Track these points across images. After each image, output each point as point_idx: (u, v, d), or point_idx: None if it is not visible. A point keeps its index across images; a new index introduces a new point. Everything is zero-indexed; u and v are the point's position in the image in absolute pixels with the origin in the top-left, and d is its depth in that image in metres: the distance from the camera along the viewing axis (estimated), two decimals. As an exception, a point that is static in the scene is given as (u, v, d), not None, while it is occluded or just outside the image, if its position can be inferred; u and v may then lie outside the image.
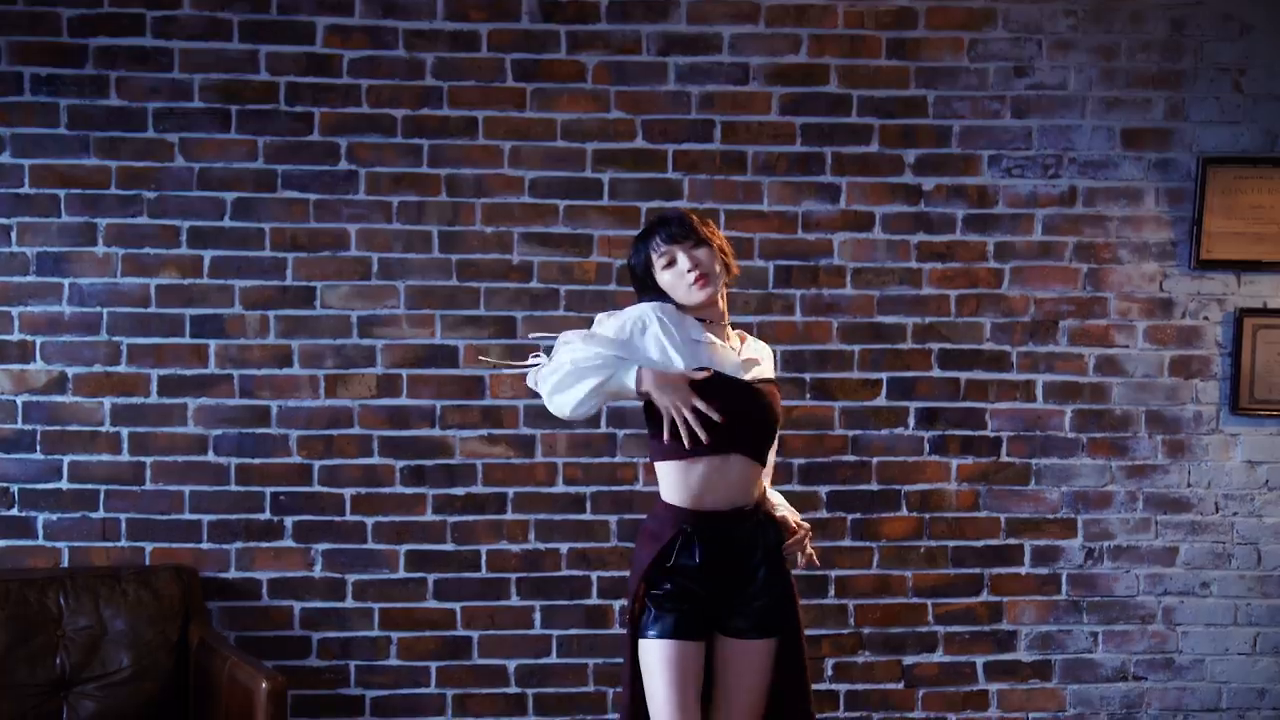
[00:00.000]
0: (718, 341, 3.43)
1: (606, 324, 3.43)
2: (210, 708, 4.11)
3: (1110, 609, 4.80)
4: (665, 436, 3.29)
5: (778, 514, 3.53)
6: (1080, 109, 4.76)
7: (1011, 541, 4.78)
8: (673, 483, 3.38)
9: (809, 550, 3.59)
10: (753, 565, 3.42)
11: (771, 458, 3.61)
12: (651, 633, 3.33)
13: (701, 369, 3.32)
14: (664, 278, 3.43)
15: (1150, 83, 4.76)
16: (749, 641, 3.43)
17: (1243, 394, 4.76)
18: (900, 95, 4.72)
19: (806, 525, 3.58)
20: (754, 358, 3.50)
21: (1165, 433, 4.80)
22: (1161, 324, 4.80)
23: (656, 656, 3.30)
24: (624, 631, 3.45)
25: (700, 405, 3.25)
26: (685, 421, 3.25)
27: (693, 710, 3.30)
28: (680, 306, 3.43)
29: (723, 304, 3.52)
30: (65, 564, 4.45)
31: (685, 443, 3.27)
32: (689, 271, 3.38)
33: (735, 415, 3.32)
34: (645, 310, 3.40)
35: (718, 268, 3.44)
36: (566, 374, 3.30)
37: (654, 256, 3.42)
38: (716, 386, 3.32)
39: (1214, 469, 4.80)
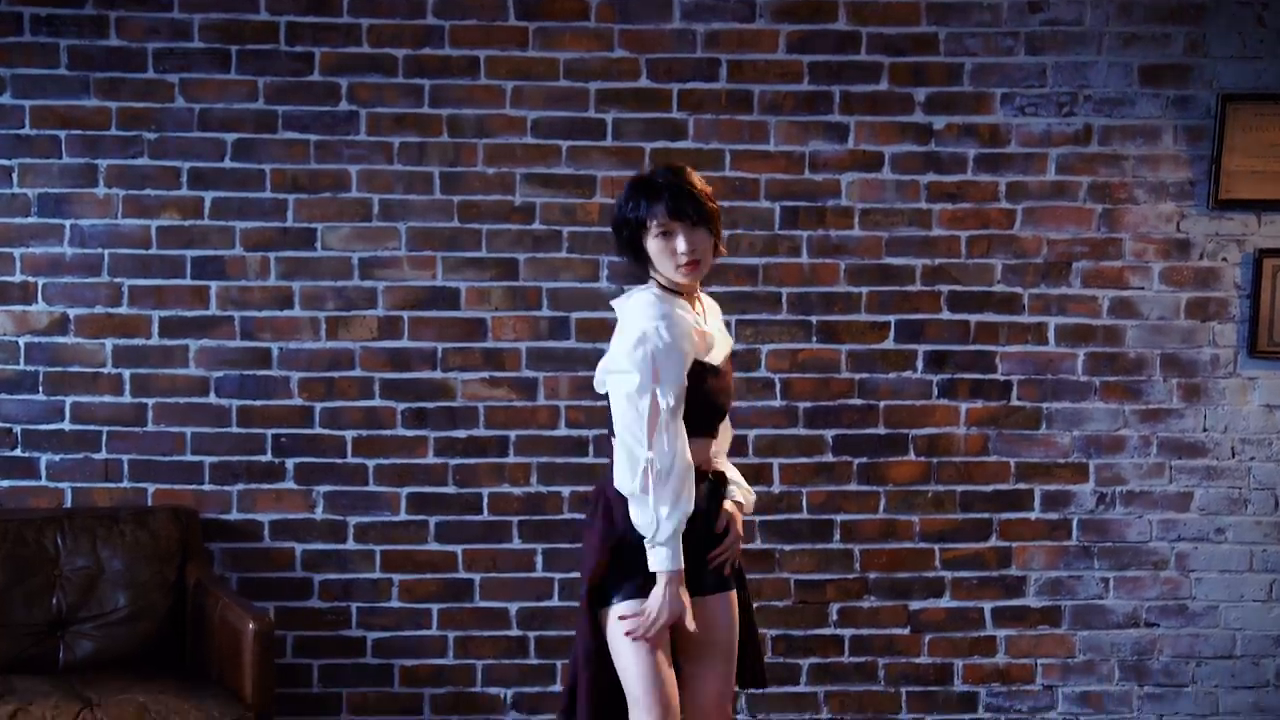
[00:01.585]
0: (703, 328, 3.26)
1: (664, 359, 3.09)
2: (205, 647, 4.00)
3: (1122, 555, 4.60)
4: (625, 630, 3.12)
5: (727, 504, 3.35)
6: (1096, 45, 4.51)
7: (1021, 486, 4.58)
8: None
9: (737, 551, 3.38)
10: (712, 524, 3.28)
11: (727, 423, 3.43)
12: (618, 598, 3.16)
13: (700, 408, 3.17)
14: (653, 244, 3.18)
15: (1169, 17, 4.51)
16: (715, 596, 3.29)
17: (1261, 336, 4.53)
18: (911, 32, 4.50)
19: (739, 516, 3.40)
20: (715, 330, 3.34)
21: (1181, 376, 4.58)
22: (1178, 265, 4.57)
23: (631, 622, 3.13)
24: (581, 595, 3.22)
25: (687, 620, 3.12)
26: (648, 628, 3.11)
27: (670, 672, 3.15)
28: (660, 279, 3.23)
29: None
30: (68, 504, 4.36)
31: (633, 636, 3.11)
32: (683, 254, 3.15)
33: (713, 406, 3.23)
34: (674, 321, 3.12)
35: (710, 252, 3.23)
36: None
37: (651, 221, 3.17)
38: (704, 381, 3.18)
39: (1231, 413, 4.58)
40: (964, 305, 4.56)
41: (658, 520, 3.04)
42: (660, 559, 3.06)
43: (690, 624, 3.12)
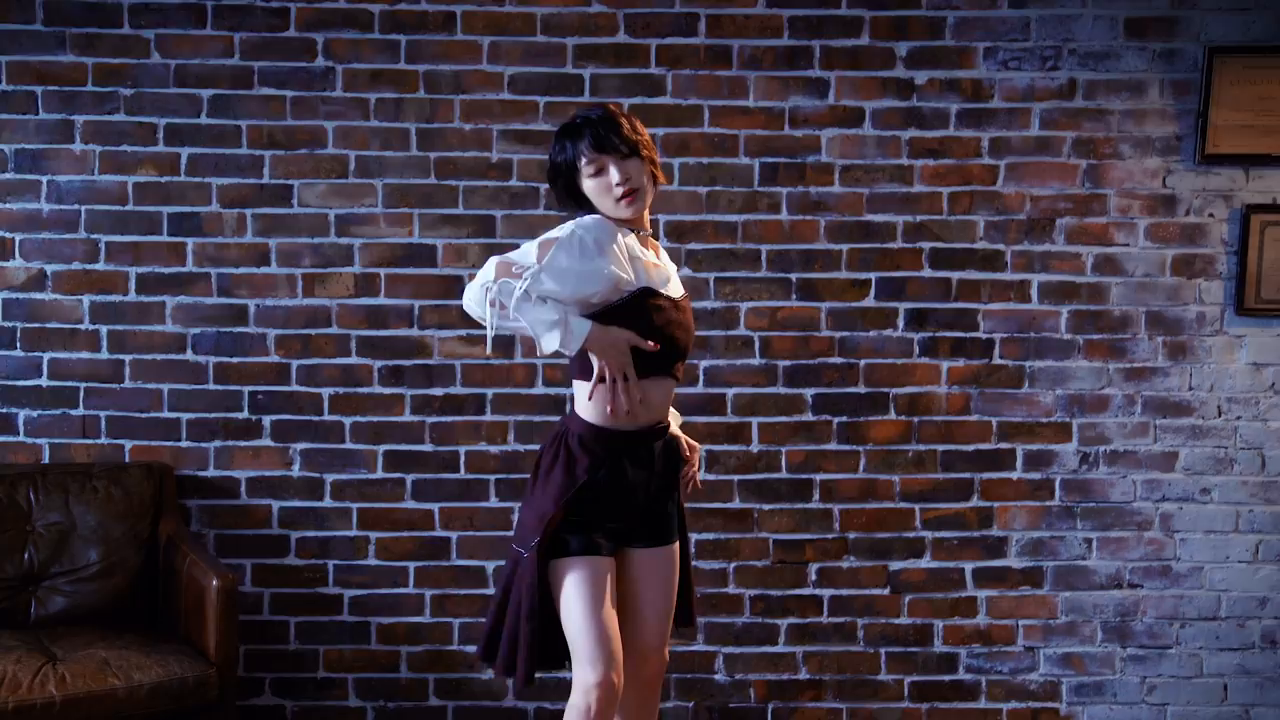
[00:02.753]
0: (651, 257, 3.14)
1: (560, 250, 3.00)
2: (174, 603, 3.93)
3: (1105, 515, 4.45)
4: (590, 393, 3.04)
5: (671, 429, 3.24)
6: (1081, -2, 4.38)
7: (1003, 446, 4.44)
8: (597, 403, 3.08)
9: (697, 478, 3.35)
10: (660, 477, 3.18)
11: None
12: (574, 547, 3.04)
13: (651, 339, 3.04)
14: (588, 185, 3.07)
15: (1156, -30, 4.37)
16: (658, 549, 3.20)
17: (1249, 294, 4.37)
18: (892, -14, 4.37)
19: (698, 446, 3.34)
20: (670, 268, 3.21)
21: (1166, 334, 4.43)
22: (1164, 221, 4.41)
23: (577, 574, 3.01)
24: (521, 553, 3.08)
25: (632, 377, 3.02)
26: (614, 385, 3.01)
27: (615, 625, 3.03)
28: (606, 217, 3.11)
29: (646, 215, 3.20)
30: (46, 460, 4.28)
31: (608, 408, 3.02)
32: (618, 185, 3.04)
33: (667, 339, 3.08)
34: (599, 224, 3.04)
35: (646, 180, 3.11)
36: (527, 303, 2.97)
37: (581, 161, 3.06)
38: (657, 310, 3.06)
39: (1217, 371, 4.43)
40: (946, 263, 4.41)
41: (539, 339, 2.98)
42: (571, 340, 2.98)
43: (647, 343, 3.02)
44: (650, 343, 3.02)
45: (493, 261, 3.03)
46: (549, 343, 2.96)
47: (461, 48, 4.33)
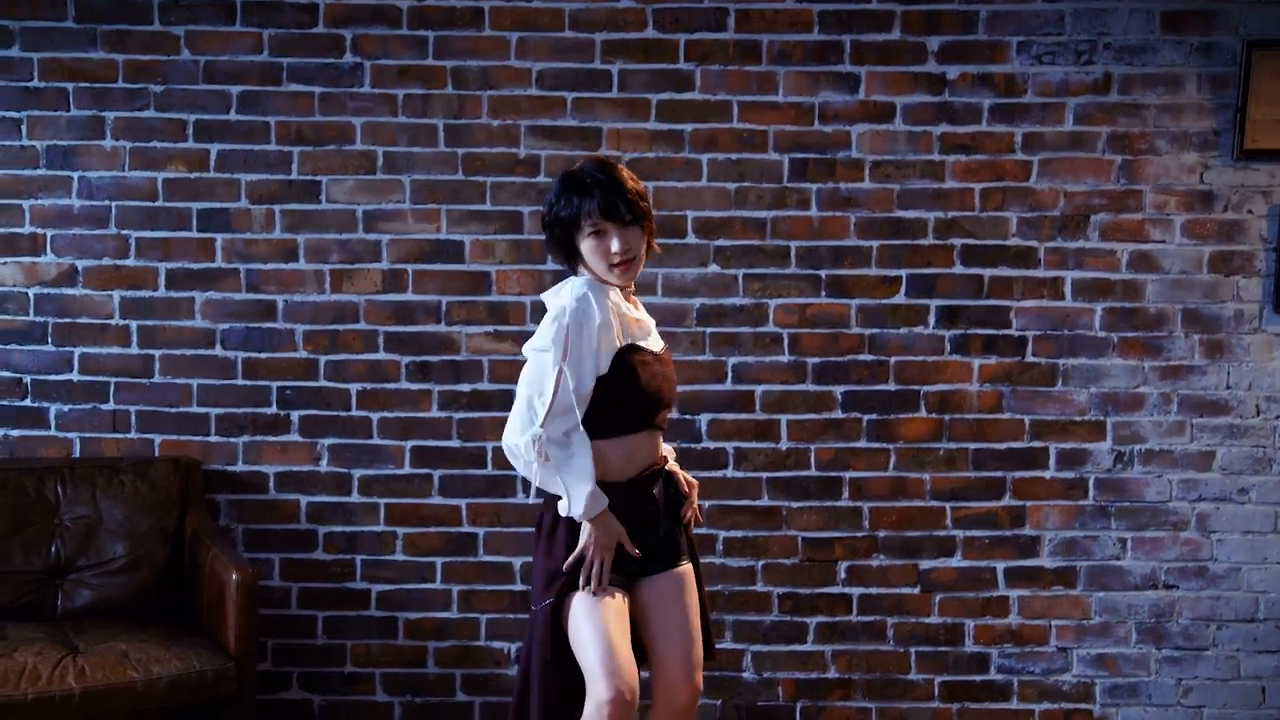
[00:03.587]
0: (633, 312, 3.07)
1: (571, 347, 2.91)
2: (197, 597, 3.87)
3: (1140, 515, 4.32)
4: (566, 565, 2.95)
5: (668, 466, 3.17)
6: (1117, -9, 4.25)
7: (1036, 444, 4.32)
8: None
9: (699, 514, 3.26)
10: (659, 511, 3.10)
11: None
12: (574, 590, 2.95)
13: (638, 395, 3.00)
14: (586, 244, 2.98)
15: (1193, -38, 4.23)
16: (668, 571, 3.10)
17: (1287, 291, 4.25)
18: (924, -21, 4.26)
19: (695, 482, 3.25)
20: (650, 322, 3.15)
21: (1203, 332, 4.29)
22: (1201, 218, 4.28)
23: (586, 601, 2.91)
24: (535, 608, 3.02)
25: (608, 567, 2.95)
26: (592, 568, 2.93)
27: (625, 644, 2.92)
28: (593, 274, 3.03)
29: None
30: (77, 454, 4.24)
31: (580, 584, 2.93)
32: (616, 254, 2.96)
33: (652, 393, 3.01)
34: (585, 297, 2.94)
35: (642, 250, 3.03)
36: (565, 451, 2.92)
37: (584, 221, 2.96)
38: (643, 365, 3.00)
39: (1255, 370, 4.28)
40: (978, 259, 4.30)
41: (569, 494, 2.90)
42: (581, 511, 2.91)
43: (631, 547, 2.96)
44: (636, 551, 2.99)
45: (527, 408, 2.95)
46: (577, 504, 2.91)
47: (489, 43, 4.25)
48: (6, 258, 4.24)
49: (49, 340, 4.25)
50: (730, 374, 4.30)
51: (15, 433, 4.25)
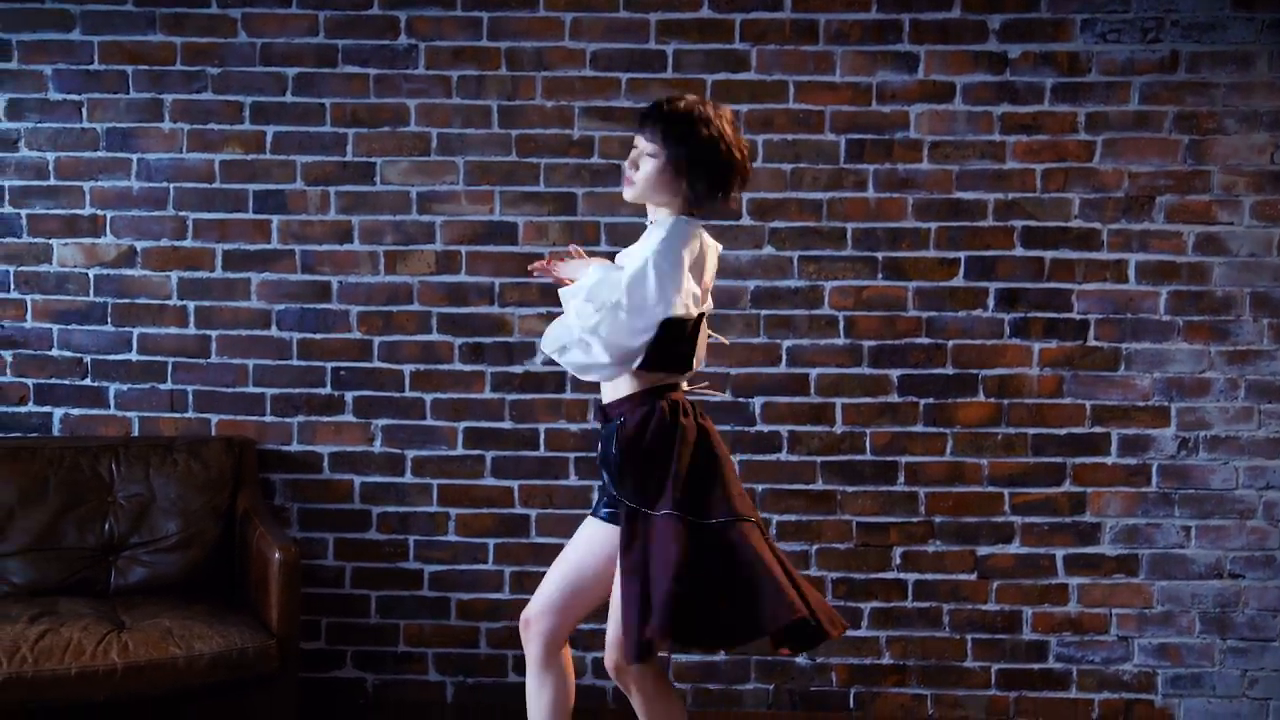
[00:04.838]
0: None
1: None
2: (245, 575, 3.80)
3: (1205, 502, 4.12)
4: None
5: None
6: (1184, -34, 4.04)
7: (1097, 430, 4.13)
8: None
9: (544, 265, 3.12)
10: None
11: None
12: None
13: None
14: None
15: (1265, -64, 4.01)
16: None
17: (1360, 275, 4.03)
18: (985, -44, 4.08)
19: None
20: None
21: (1272, 316, 4.08)
22: (1271, 199, 4.06)
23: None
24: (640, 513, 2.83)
25: None
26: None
27: None
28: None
29: (657, 213, 2.99)
30: (136, 433, 4.18)
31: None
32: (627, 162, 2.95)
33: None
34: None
35: (658, 174, 2.89)
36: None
37: None
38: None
39: (1326, 356, 4.09)
40: (1039, 241, 4.12)
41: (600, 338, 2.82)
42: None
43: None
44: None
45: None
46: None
47: (543, 25, 4.14)
48: (67, 239, 4.19)
49: (108, 320, 4.20)
50: (785, 357, 4.16)
51: (76, 411, 4.19)
